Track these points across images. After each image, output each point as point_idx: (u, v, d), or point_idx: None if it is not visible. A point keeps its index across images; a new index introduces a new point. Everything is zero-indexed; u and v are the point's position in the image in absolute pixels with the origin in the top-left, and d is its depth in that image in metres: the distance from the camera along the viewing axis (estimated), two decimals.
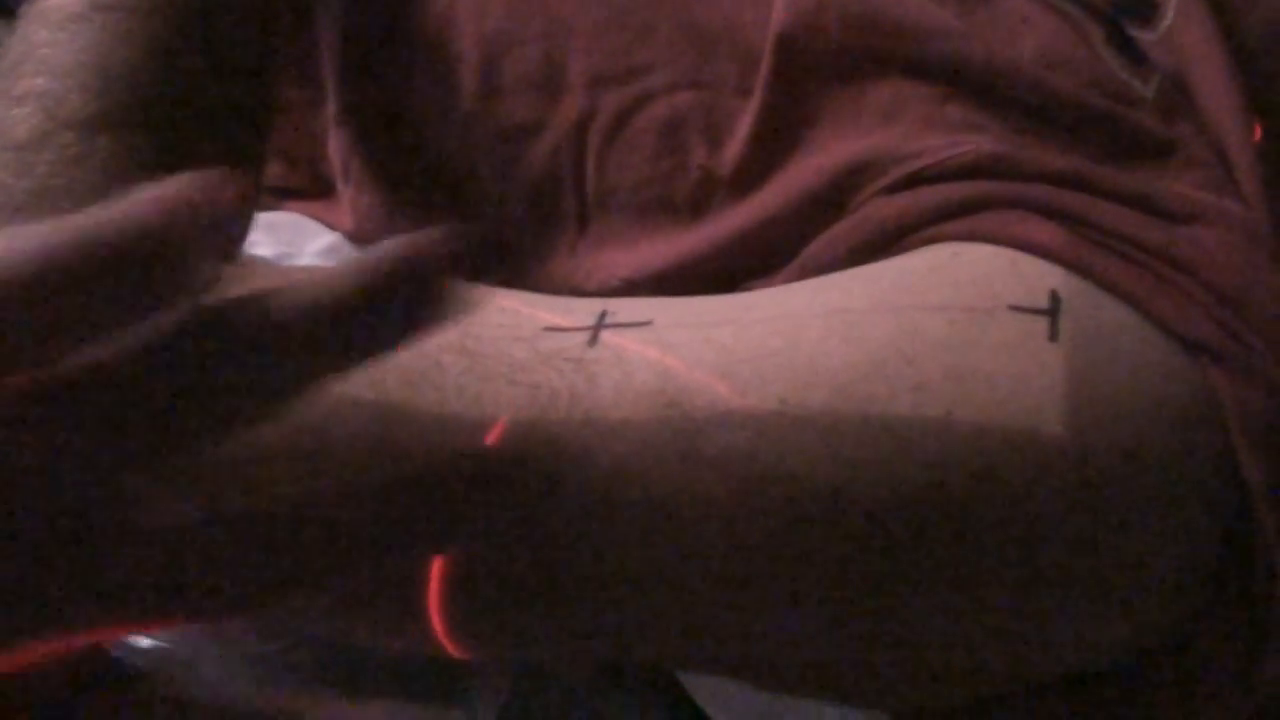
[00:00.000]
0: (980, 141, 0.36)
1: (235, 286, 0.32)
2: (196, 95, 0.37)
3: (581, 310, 0.33)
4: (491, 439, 0.30)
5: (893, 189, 0.37)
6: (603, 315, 0.32)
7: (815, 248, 0.38)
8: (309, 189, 0.58)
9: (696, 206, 0.44)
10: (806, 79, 0.42)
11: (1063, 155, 0.36)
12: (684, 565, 0.30)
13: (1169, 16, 0.41)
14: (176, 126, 0.36)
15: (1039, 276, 0.31)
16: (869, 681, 0.33)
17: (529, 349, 0.31)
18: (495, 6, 0.48)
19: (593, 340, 0.31)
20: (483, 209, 0.50)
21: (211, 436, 0.22)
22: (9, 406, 0.19)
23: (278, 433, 0.30)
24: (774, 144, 0.42)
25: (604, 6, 0.46)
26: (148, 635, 0.42)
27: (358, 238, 0.55)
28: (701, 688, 0.44)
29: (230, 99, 0.39)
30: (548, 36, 0.47)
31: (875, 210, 0.37)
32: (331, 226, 0.56)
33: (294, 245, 0.54)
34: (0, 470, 0.19)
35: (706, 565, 0.30)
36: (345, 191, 0.54)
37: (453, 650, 0.33)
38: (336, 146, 0.54)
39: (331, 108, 0.54)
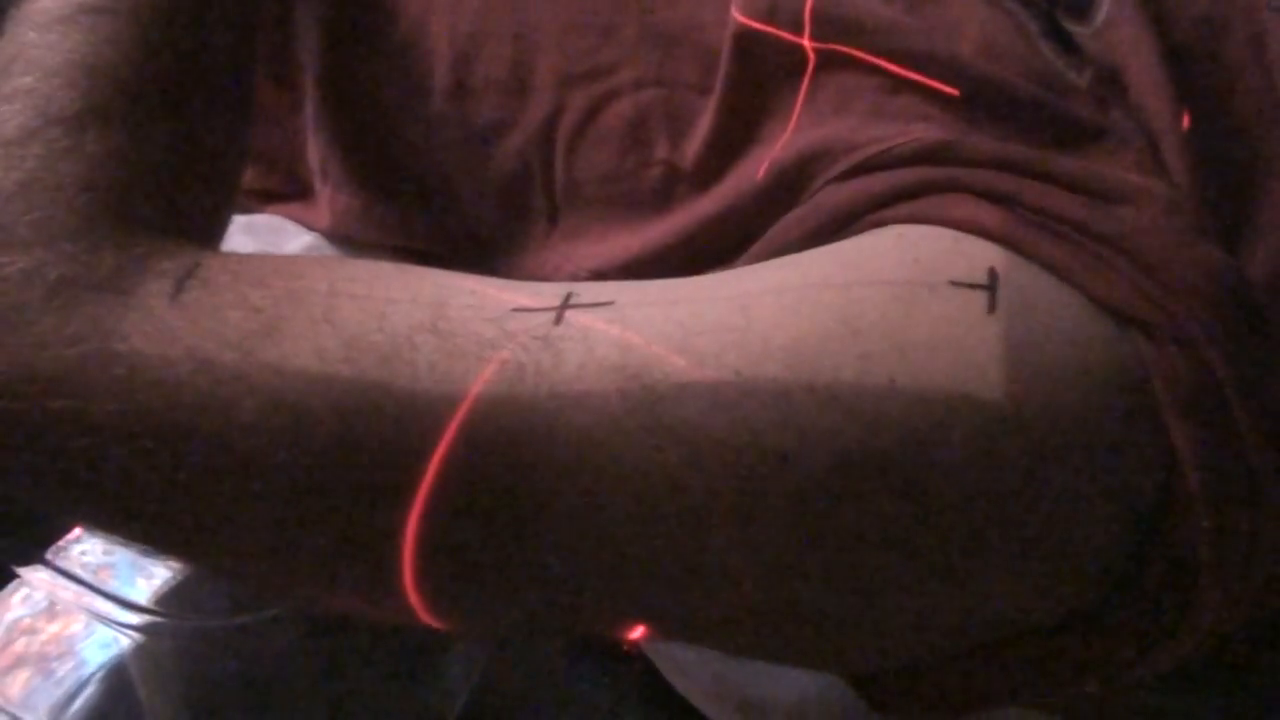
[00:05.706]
0: (926, 130, 0.38)
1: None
2: (180, 94, 0.39)
3: (548, 292, 0.34)
4: (462, 413, 0.31)
5: (843, 177, 0.38)
6: (568, 296, 0.33)
7: (771, 234, 0.39)
8: (287, 191, 0.60)
9: (660, 200, 0.46)
10: (763, 76, 0.43)
11: (1002, 141, 0.37)
12: (643, 531, 0.31)
13: (1103, 11, 0.43)
14: (161, 124, 0.37)
15: (979, 255, 0.33)
16: (820, 643, 0.34)
17: (497, 328, 0.32)
18: (466, 9, 0.50)
19: (558, 319, 0.32)
20: (455, 207, 0.52)
21: None
22: None
23: (255, 407, 0.31)
24: (733, 138, 0.44)
25: (570, 8, 0.48)
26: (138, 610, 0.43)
27: (335, 237, 0.56)
28: (664, 657, 0.46)
29: (213, 98, 0.41)
30: (517, 38, 0.49)
31: (826, 197, 0.38)
32: (310, 226, 0.58)
33: (273, 245, 0.56)
34: None
35: (665, 531, 0.31)
36: (323, 192, 0.56)
37: (427, 620, 0.33)
38: (314, 148, 0.55)
39: (309, 110, 0.55)
